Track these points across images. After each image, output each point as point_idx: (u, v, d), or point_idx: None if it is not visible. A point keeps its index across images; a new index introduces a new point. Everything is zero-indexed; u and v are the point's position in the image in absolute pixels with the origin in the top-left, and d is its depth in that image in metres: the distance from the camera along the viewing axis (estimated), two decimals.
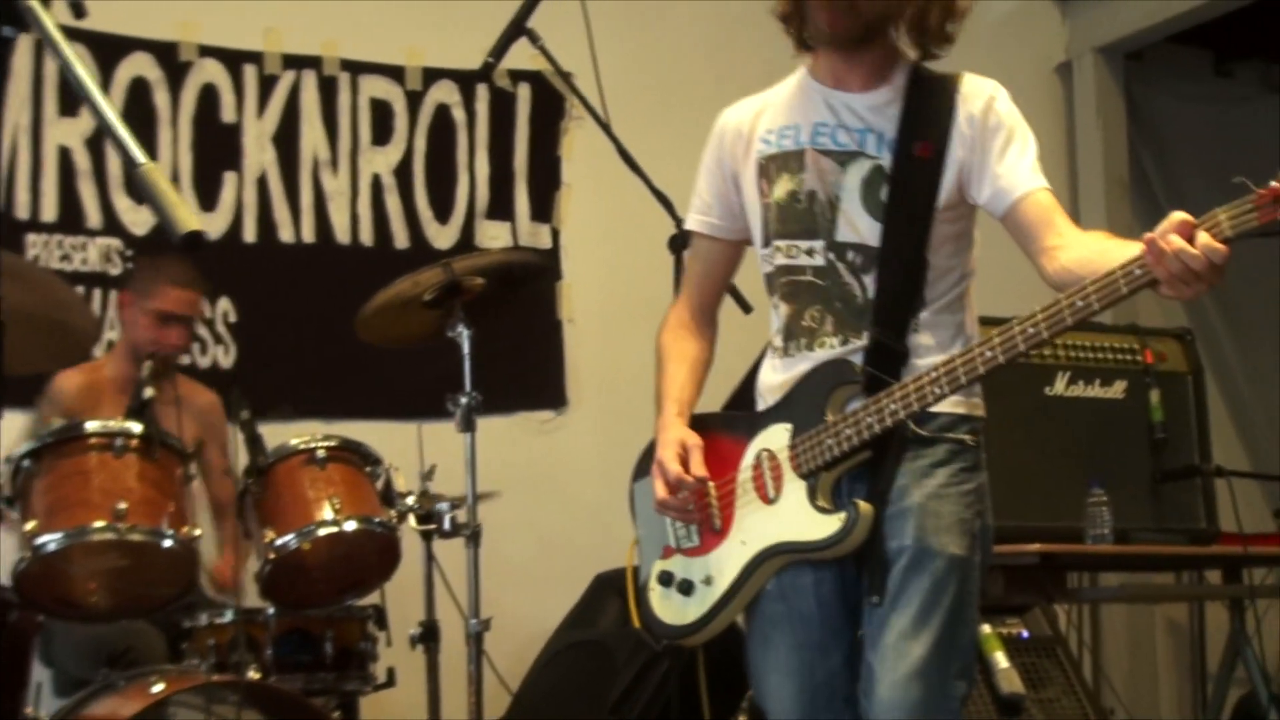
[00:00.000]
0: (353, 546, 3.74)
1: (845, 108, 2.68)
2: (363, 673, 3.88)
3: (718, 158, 2.83)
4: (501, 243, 5.44)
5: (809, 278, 2.64)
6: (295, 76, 5.22)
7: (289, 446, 3.75)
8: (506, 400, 5.35)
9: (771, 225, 2.68)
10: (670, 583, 2.71)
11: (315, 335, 5.04)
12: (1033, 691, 3.75)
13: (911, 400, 2.45)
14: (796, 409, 2.61)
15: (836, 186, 2.64)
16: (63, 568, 3.40)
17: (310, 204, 5.22)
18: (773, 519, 2.59)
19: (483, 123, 5.49)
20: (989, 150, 2.59)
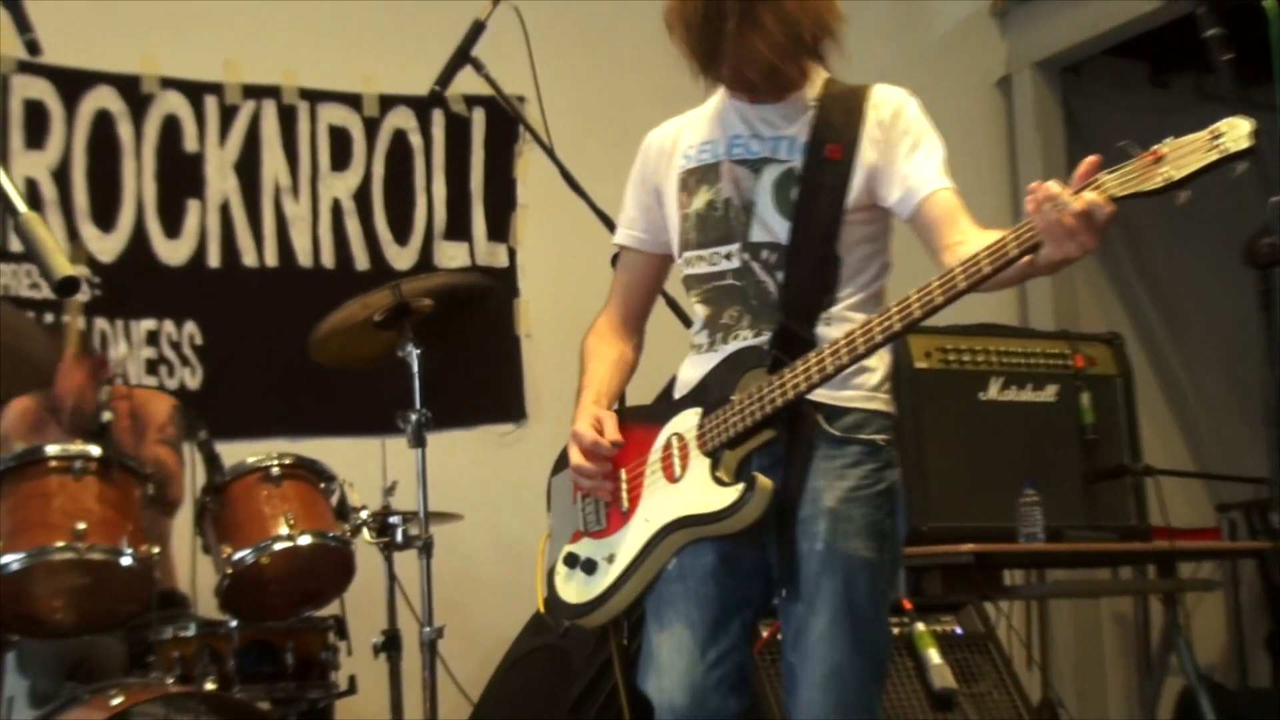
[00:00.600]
0: (308, 560, 3.77)
1: (760, 119, 2.74)
2: (324, 681, 3.90)
3: (642, 175, 2.90)
4: (460, 263, 5.48)
5: (728, 281, 2.70)
6: (255, 106, 5.25)
7: (245, 465, 3.79)
8: (468, 414, 5.42)
9: (690, 235, 2.75)
10: (575, 564, 2.73)
11: (280, 356, 5.04)
12: (965, 686, 3.80)
13: (812, 372, 2.47)
14: (707, 395, 2.65)
15: (750, 192, 2.70)
16: (26, 586, 3.42)
17: (272, 229, 5.25)
18: (676, 495, 2.61)
19: (439, 147, 5.54)
20: (897, 153, 2.65)
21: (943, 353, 4.46)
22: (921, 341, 4.42)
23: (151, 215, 5.07)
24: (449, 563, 4.97)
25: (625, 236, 2.93)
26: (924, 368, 4.41)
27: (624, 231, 2.93)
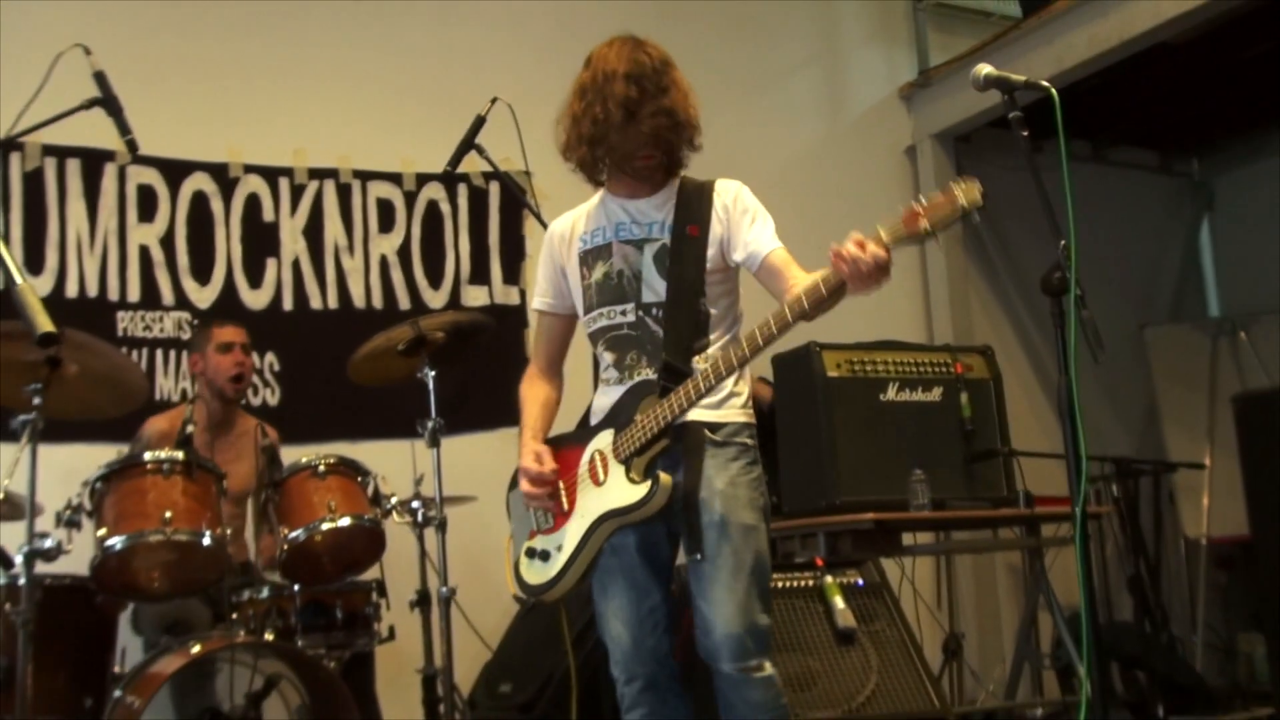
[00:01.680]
0: (348, 537, 3.81)
1: (637, 210, 2.87)
2: (369, 631, 3.95)
3: (550, 256, 3.00)
4: (481, 303, 5.51)
5: (624, 331, 2.81)
6: (319, 184, 5.31)
7: (298, 464, 3.84)
8: (490, 419, 5.42)
9: (594, 299, 2.87)
10: (534, 555, 2.87)
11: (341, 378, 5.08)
12: (863, 625, 3.81)
13: (690, 393, 2.63)
14: (617, 419, 2.78)
15: (638, 264, 2.83)
16: (128, 562, 3.49)
17: (334, 279, 5.29)
18: (602, 495, 2.75)
19: (464, 213, 5.57)
20: (740, 226, 2.81)
21: (850, 364, 4.47)
22: (833, 355, 4.44)
23: (239, 271, 5.12)
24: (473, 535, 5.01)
25: (541, 304, 3.02)
26: (835, 376, 4.42)
27: (540, 300, 3.02)
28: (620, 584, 2.80)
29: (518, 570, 2.91)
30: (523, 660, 4.71)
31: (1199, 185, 7.81)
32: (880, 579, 3.99)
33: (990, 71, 2.71)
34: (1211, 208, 7.75)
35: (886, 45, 6.78)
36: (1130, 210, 7.48)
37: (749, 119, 6.33)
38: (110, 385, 3.49)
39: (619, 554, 2.79)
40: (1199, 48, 5.87)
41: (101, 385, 3.47)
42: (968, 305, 6.53)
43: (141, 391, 3.66)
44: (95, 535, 3.42)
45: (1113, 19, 5.68)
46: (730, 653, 2.65)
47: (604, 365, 2.89)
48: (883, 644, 3.78)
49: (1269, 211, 7.30)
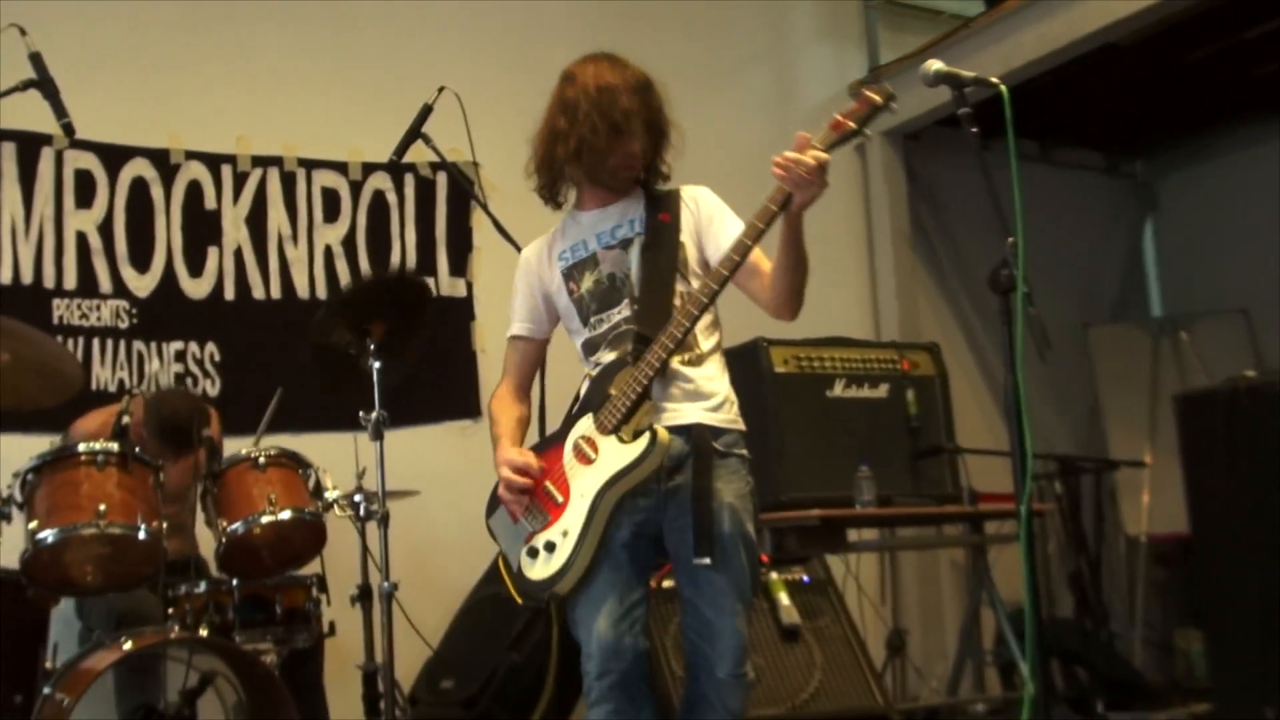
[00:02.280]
0: (288, 530, 3.74)
1: (612, 217, 2.93)
2: (308, 627, 3.88)
3: (528, 283, 3.04)
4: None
5: (624, 327, 2.82)
6: (262, 172, 5.20)
7: (238, 455, 3.77)
8: (436, 412, 5.40)
9: (589, 307, 2.90)
10: (535, 554, 2.76)
11: (283, 369, 5.01)
12: (807, 621, 3.81)
13: (668, 341, 2.66)
14: (590, 401, 2.78)
15: (626, 264, 2.88)
16: (60, 556, 3.40)
17: (277, 269, 5.18)
18: (596, 469, 2.71)
19: (410, 203, 5.48)
20: (711, 223, 2.90)
21: (798, 360, 4.48)
22: (781, 351, 4.44)
23: (179, 259, 5.00)
24: (417, 531, 4.97)
25: (520, 329, 3.05)
26: (782, 372, 4.42)
27: (519, 325, 3.05)
28: (605, 579, 2.75)
29: (521, 573, 2.79)
30: (465, 656, 4.66)
31: (1143, 186, 7.88)
32: (825, 576, 3.99)
33: (940, 67, 2.71)
34: (1155, 209, 7.83)
35: (837, 42, 6.78)
36: (1075, 210, 7.53)
37: (700, 114, 6.22)
38: (45, 374, 3.41)
39: (606, 549, 2.74)
40: (1145, 50, 5.92)
41: (35, 374, 3.39)
42: (914, 302, 6.55)
43: (76, 381, 3.58)
44: (26, 528, 3.34)
45: (1061, 19, 5.70)
46: (734, 660, 2.72)
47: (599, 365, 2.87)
48: (827, 641, 3.78)
49: (1211, 214, 7.39)
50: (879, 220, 6.56)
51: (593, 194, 2.96)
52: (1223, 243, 7.24)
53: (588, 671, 2.77)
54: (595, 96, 2.82)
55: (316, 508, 3.78)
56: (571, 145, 2.83)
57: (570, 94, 2.88)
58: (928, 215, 6.80)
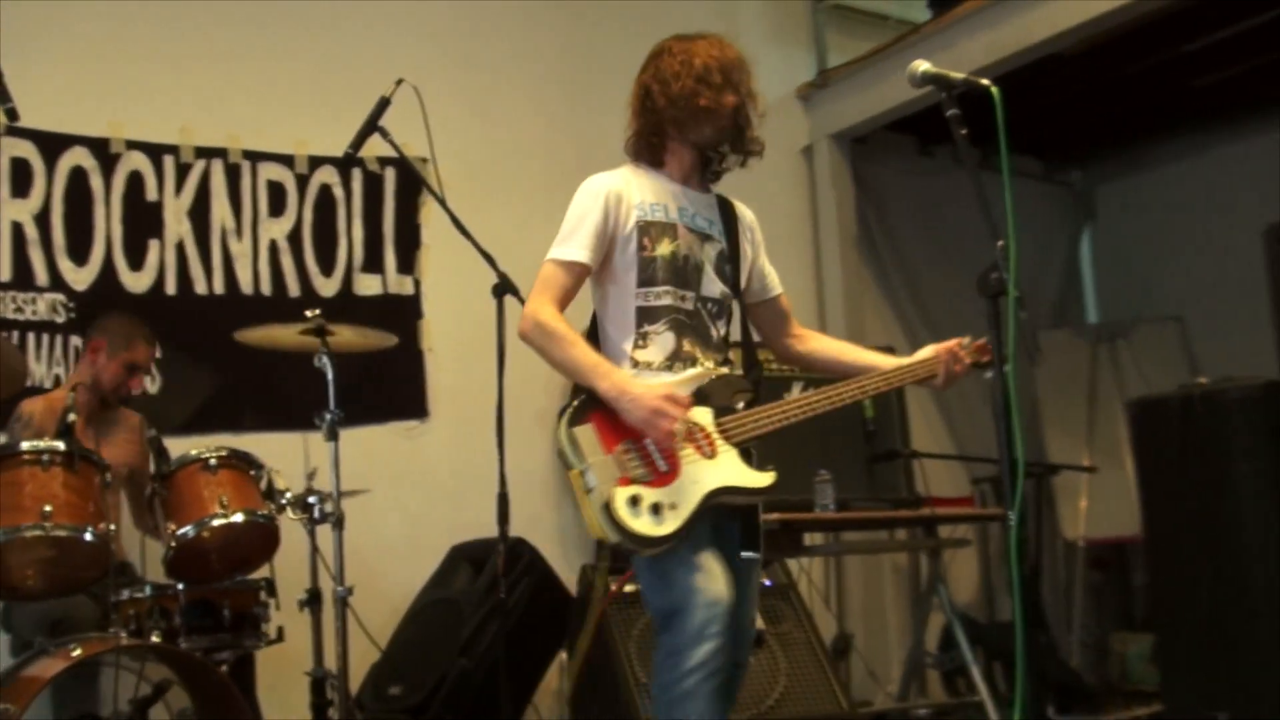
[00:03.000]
0: (241, 533, 3.64)
1: (695, 202, 2.96)
2: (257, 632, 3.78)
3: (605, 211, 2.87)
4: (374, 291, 5.33)
5: (683, 318, 2.86)
6: (206, 164, 5.05)
7: (188, 456, 3.65)
8: (383, 412, 5.30)
9: (660, 274, 2.86)
10: (638, 504, 2.66)
11: (225, 367, 4.90)
12: (772, 626, 3.77)
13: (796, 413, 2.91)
14: (711, 400, 2.81)
15: (700, 256, 2.91)
16: (2, 559, 3.25)
17: (220, 263, 5.04)
18: (716, 469, 2.75)
19: (358, 198, 5.36)
20: (759, 255, 3.06)
21: None
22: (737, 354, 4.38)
23: (119, 252, 4.84)
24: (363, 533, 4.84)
25: (585, 255, 2.84)
26: None
27: (584, 251, 2.84)
28: (714, 548, 2.76)
29: (615, 513, 2.65)
30: (413, 662, 4.57)
31: (1081, 194, 7.98)
32: (787, 580, 3.95)
33: (928, 68, 2.67)
34: (1092, 217, 7.93)
35: (785, 45, 6.77)
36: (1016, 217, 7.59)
37: None
38: None
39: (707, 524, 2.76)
40: (1088, 60, 5.98)
41: None
42: (861, 306, 6.56)
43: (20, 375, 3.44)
44: None
45: (1010, 28, 5.74)
46: (747, 648, 2.90)
47: (646, 344, 2.85)
48: (790, 645, 3.75)
49: (1147, 222, 7.49)
50: (826, 224, 6.55)
51: (679, 157, 2.96)
52: (1158, 251, 7.35)
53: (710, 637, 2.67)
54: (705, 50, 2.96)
55: (269, 510, 3.67)
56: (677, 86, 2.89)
57: (677, 49, 2.98)
58: (873, 219, 6.82)
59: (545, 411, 5.71)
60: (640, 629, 3.61)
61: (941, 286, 6.82)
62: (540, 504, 5.63)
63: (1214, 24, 5.82)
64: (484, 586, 4.57)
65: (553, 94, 6.01)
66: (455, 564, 4.92)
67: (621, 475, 2.69)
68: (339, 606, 3.69)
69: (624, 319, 2.87)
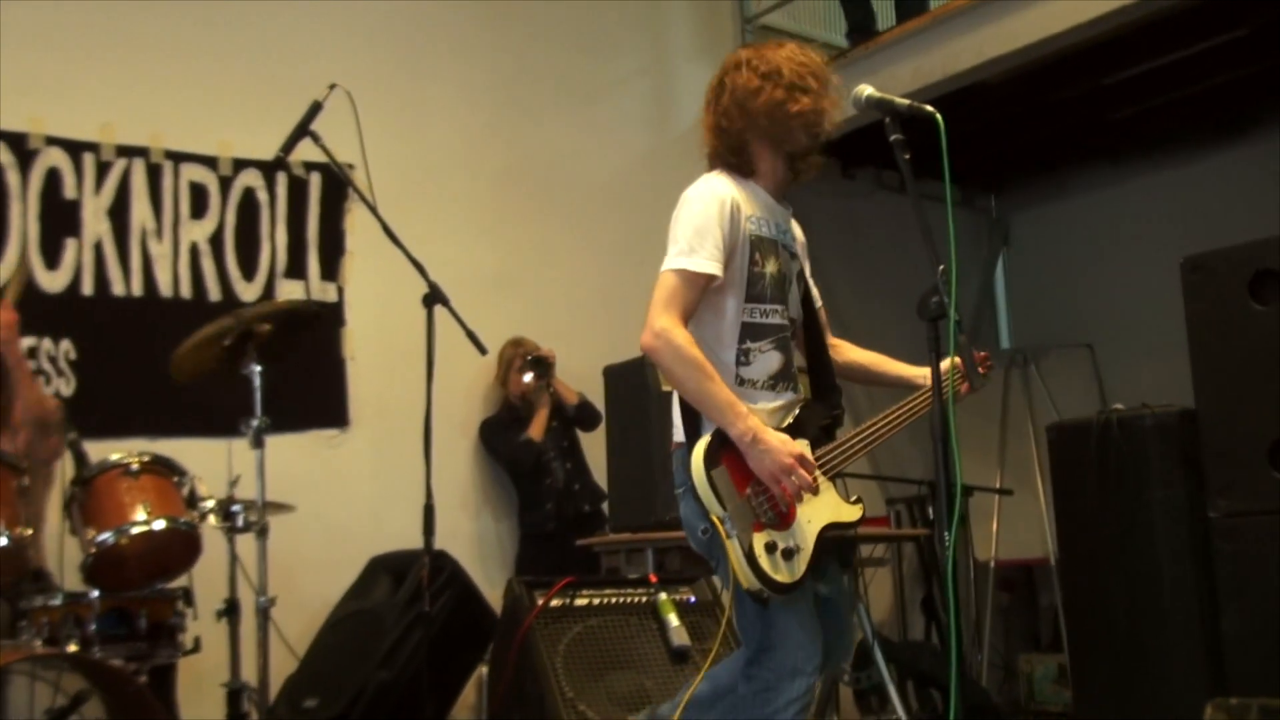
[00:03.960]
0: (162, 541, 3.59)
1: (781, 219, 2.96)
2: (173, 642, 3.71)
3: (733, 223, 2.79)
4: (297, 296, 5.27)
5: (786, 337, 2.87)
6: (127, 163, 4.94)
7: (109, 461, 3.59)
8: (302, 421, 5.22)
9: (769, 291, 2.84)
10: (774, 550, 2.66)
11: (143, 369, 4.78)
12: (697, 643, 3.78)
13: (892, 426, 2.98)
14: (804, 431, 2.81)
15: (790, 274, 2.92)
16: None
17: (139, 265, 4.93)
18: (822, 505, 2.78)
19: (282, 203, 5.30)
20: (806, 271, 3.04)
21: None
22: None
23: (34, 250, 4.72)
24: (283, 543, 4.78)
25: (714, 266, 2.75)
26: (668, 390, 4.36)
27: (713, 263, 2.74)
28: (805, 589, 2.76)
29: (758, 563, 2.64)
30: (331, 674, 4.50)
31: (997, 221, 8.15)
32: (713, 596, 3.97)
33: (872, 93, 2.71)
34: (1007, 244, 8.10)
35: (714, 62, 6.74)
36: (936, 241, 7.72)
37: (580, 127, 6.28)
38: None
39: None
40: (1006, 89, 6.12)
41: None
42: None
43: None
44: None
45: (936, 54, 5.85)
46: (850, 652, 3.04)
47: (749, 361, 2.83)
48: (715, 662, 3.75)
49: (1060, 251, 7.68)
50: None
51: (772, 167, 2.92)
52: (1070, 279, 7.54)
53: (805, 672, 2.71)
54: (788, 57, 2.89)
55: (192, 518, 3.61)
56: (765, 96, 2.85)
57: (755, 60, 2.91)
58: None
59: (463, 425, 5.72)
60: (567, 643, 3.61)
61: (861, 309, 6.89)
62: (460, 516, 5.61)
63: (1132, 58, 6.00)
64: (405, 598, 4.52)
65: (485, 102, 6.00)
66: (375, 575, 4.87)
67: (755, 520, 2.68)
68: (260, 617, 3.64)
69: (729, 334, 2.82)
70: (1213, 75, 6.19)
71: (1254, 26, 5.54)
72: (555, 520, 5.41)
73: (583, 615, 3.73)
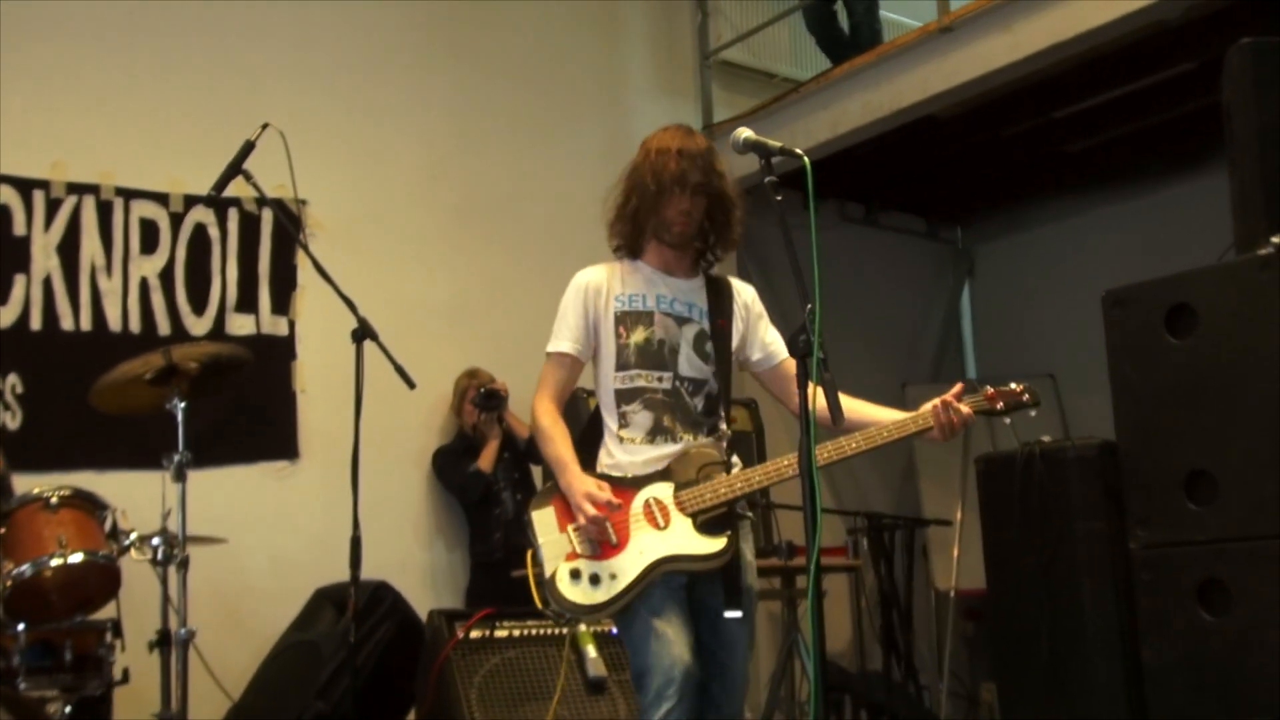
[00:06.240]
0: (80, 573, 3.63)
1: (676, 288, 3.17)
2: (100, 673, 3.76)
3: (584, 305, 3.16)
4: (248, 331, 5.33)
5: (661, 397, 3.08)
6: (77, 199, 5.04)
7: (29, 495, 3.64)
8: (250, 453, 5.28)
9: (632, 359, 3.10)
10: (579, 577, 2.93)
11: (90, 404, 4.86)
12: (614, 674, 3.81)
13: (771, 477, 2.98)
14: (675, 475, 3.01)
15: (677, 339, 3.12)
16: None
17: (88, 300, 5.02)
18: (664, 539, 2.95)
19: (233, 238, 5.38)
20: (758, 328, 3.23)
21: None
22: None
23: None
24: (229, 574, 4.84)
25: (571, 348, 3.14)
26: None
27: (570, 344, 3.14)
28: (677, 612, 2.96)
29: (556, 585, 2.93)
30: (269, 705, 4.54)
31: (962, 252, 8.19)
32: None
33: (749, 136, 2.79)
34: (972, 274, 8.14)
35: (672, 98, 6.89)
36: (898, 272, 7.78)
37: (534, 163, 6.34)
38: None
39: (672, 588, 2.96)
40: (963, 123, 6.18)
41: None
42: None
43: None
44: None
45: (884, 90, 5.92)
46: (739, 699, 3.05)
47: (627, 423, 3.09)
48: (632, 693, 3.77)
49: (1024, 281, 7.72)
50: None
51: (657, 251, 3.18)
52: (1034, 309, 7.57)
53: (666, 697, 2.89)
54: (653, 160, 3.10)
55: (111, 550, 3.66)
56: (632, 203, 3.11)
57: (637, 159, 3.17)
58: (754, 271, 6.93)
59: (418, 454, 5.76)
60: (483, 675, 3.65)
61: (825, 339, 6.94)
62: (412, 546, 5.65)
63: (1079, 93, 6.05)
64: (344, 629, 4.55)
65: (441, 137, 6.08)
66: (319, 606, 4.90)
67: (570, 551, 2.96)
68: (181, 648, 3.67)
69: (609, 400, 3.13)
70: (1166, 108, 6.24)
71: (1201, 60, 5.59)
72: (503, 550, 5.45)
73: (502, 647, 3.77)
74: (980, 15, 5.44)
